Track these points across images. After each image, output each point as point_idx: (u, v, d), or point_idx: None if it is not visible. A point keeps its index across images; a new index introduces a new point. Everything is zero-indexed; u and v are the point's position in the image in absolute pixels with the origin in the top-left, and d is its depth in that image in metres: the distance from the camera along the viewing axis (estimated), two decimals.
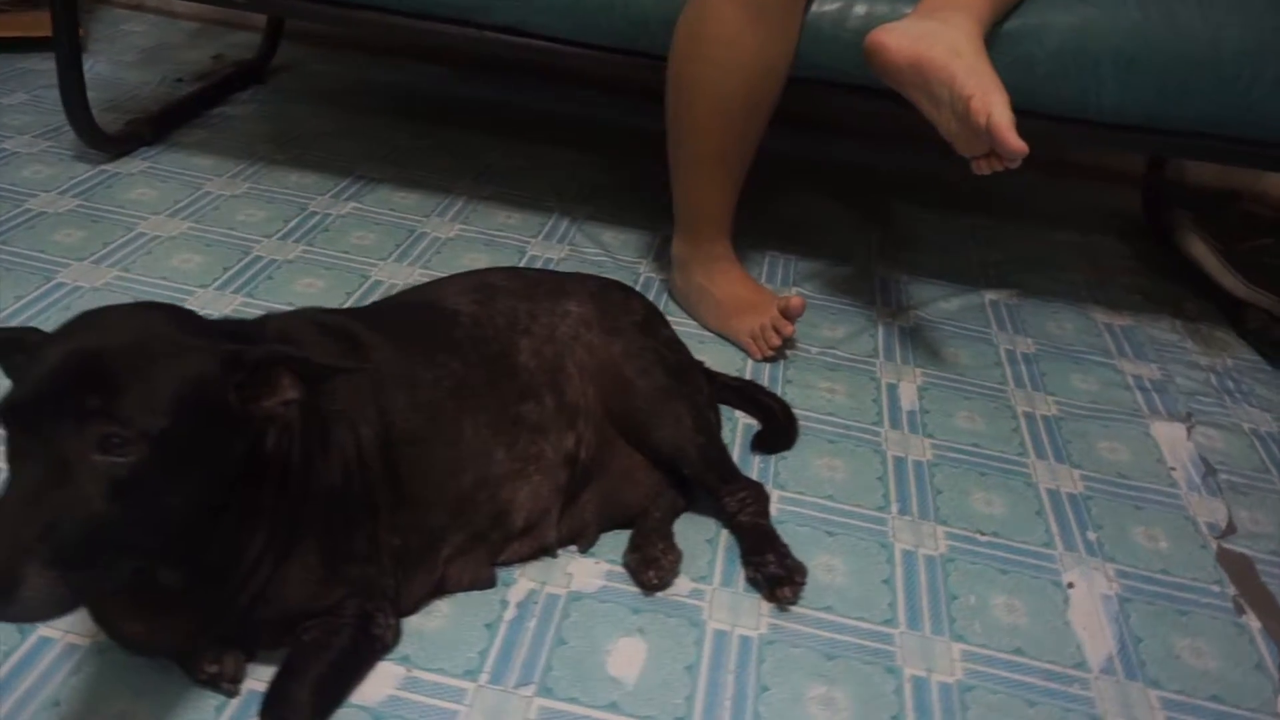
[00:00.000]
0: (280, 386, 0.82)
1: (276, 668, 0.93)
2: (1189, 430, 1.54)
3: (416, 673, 0.97)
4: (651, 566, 1.10)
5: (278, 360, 0.81)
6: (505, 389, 1.10)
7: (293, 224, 1.73)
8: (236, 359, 0.80)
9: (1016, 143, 1.28)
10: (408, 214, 1.83)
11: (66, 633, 0.96)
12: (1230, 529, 1.34)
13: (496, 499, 1.07)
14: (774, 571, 1.11)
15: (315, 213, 1.78)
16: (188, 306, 1.43)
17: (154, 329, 0.79)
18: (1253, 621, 1.19)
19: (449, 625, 1.03)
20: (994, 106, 1.29)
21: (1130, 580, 1.22)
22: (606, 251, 1.80)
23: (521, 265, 1.71)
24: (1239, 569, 1.28)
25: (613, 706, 0.97)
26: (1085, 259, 2.06)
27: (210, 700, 0.92)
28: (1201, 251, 1.91)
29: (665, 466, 1.19)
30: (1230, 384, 1.69)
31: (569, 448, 1.12)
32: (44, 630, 0.96)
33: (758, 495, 1.20)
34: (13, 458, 0.74)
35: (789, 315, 1.54)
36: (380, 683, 0.96)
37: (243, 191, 1.81)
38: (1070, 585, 1.20)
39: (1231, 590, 1.24)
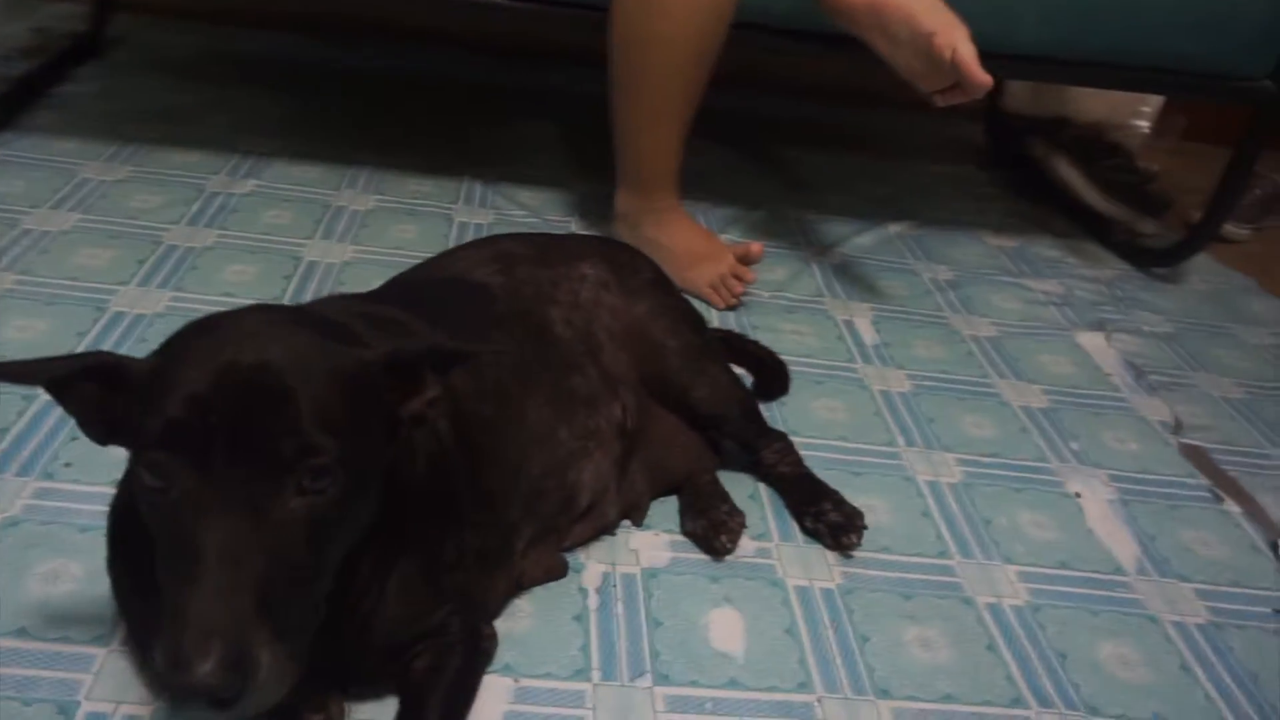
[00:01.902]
0: (426, 384, 0.67)
1: (378, 700, 0.79)
2: (1108, 338, 1.57)
3: (525, 682, 0.84)
4: (721, 531, 1.00)
5: (430, 355, 0.66)
6: (554, 363, 0.97)
7: (196, 208, 1.49)
8: (396, 359, 0.65)
9: (983, 75, 1.24)
10: (315, 188, 1.61)
11: (118, 704, 0.77)
12: (1179, 425, 1.38)
13: (564, 483, 0.94)
14: (835, 519, 1.04)
15: (216, 193, 1.54)
16: (112, 307, 1.21)
17: (299, 336, 0.63)
18: (1232, 508, 1.22)
19: (538, 625, 0.90)
20: (958, 42, 1.25)
21: (1121, 483, 1.23)
22: (532, 212, 1.65)
23: (452, 232, 1.54)
24: (1200, 460, 1.31)
25: (734, 683, 0.88)
26: (959, 188, 2.08)
27: None
28: (1068, 173, 1.96)
29: (703, 426, 1.09)
30: (1119, 292, 1.75)
31: (618, 418, 1.00)
32: (92, 705, 0.76)
33: (789, 445, 1.12)
34: (180, 509, 0.57)
35: (749, 261, 1.46)
36: (493, 699, 0.82)
37: (126, 176, 1.54)
38: (1078, 495, 1.19)
39: (1204, 481, 1.27)
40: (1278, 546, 1.16)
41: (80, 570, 0.87)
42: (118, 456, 0.97)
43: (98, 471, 0.97)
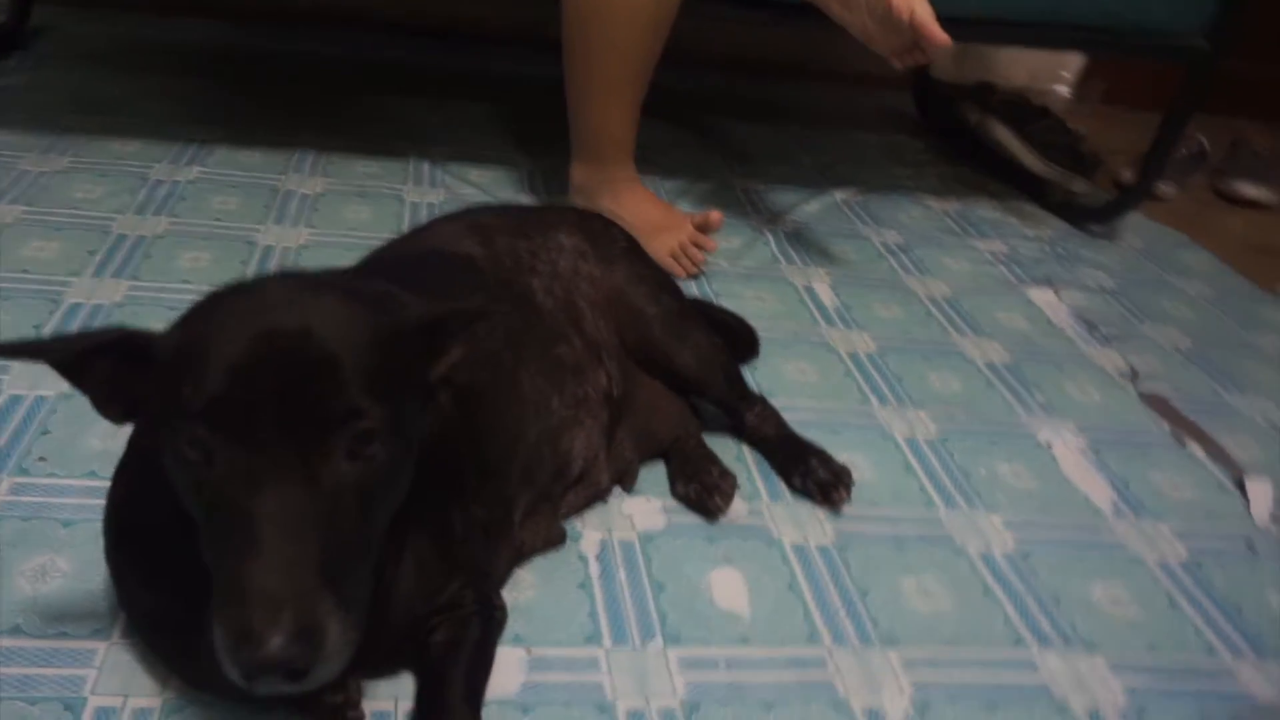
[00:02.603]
0: (450, 347, 0.64)
1: (393, 679, 0.75)
2: (1057, 293, 1.59)
3: (538, 651, 0.82)
4: (715, 493, 0.98)
5: (459, 316, 0.63)
6: (540, 333, 0.93)
7: (142, 196, 1.42)
8: (429, 321, 0.61)
9: (942, 35, 1.24)
10: (262, 173, 1.55)
11: (126, 697, 0.72)
12: (1135, 374, 1.40)
13: (558, 451, 0.91)
14: (824, 476, 1.03)
15: (161, 181, 1.47)
16: (67, 299, 1.14)
17: (333, 301, 0.60)
18: (1196, 450, 1.25)
19: (543, 595, 0.87)
20: (915, 3, 1.24)
21: (1089, 432, 1.24)
22: (483, 190, 1.61)
23: (405, 212, 1.49)
24: (1160, 407, 1.33)
25: (744, 641, 0.86)
26: (895, 156, 2.09)
27: None
28: (1004, 135, 1.98)
29: (686, 391, 1.07)
30: (1061, 250, 1.77)
31: (604, 385, 0.98)
32: (99, 699, 0.71)
33: (770, 407, 1.11)
34: (228, 483, 0.53)
35: (708, 229, 1.44)
36: (508, 671, 0.79)
37: (66, 167, 1.46)
38: (1049, 444, 1.20)
39: (1166, 426, 1.29)
40: (1243, 484, 1.19)
41: (68, 565, 0.82)
42: (93, 449, 0.93)
43: (73, 465, 0.91)
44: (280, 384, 0.54)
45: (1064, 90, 2.45)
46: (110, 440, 0.94)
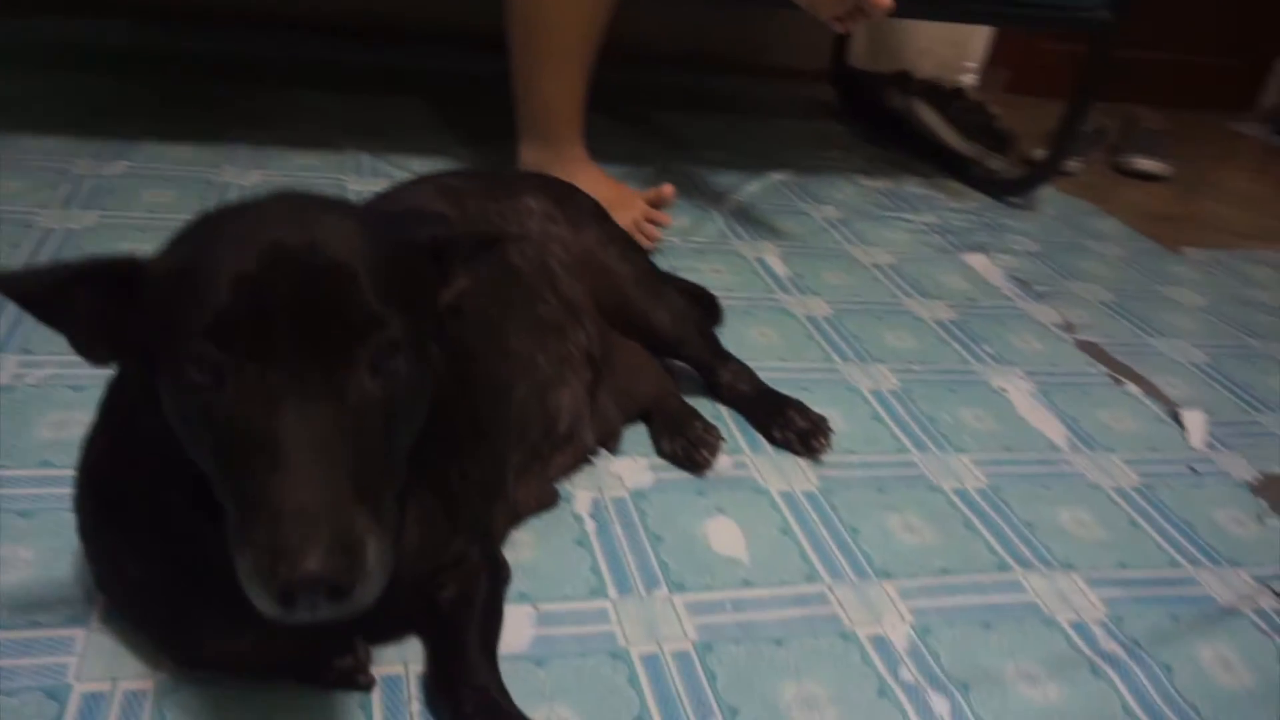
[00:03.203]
0: (457, 275, 0.61)
1: (398, 644, 0.73)
2: (990, 258, 1.63)
3: (545, 607, 0.80)
4: (701, 447, 0.98)
5: (467, 241, 0.61)
6: (520, 291, 0.92)
7: (64, 190, 1.35)
8: (438, 242, 0.59)
9: None
10: (193, 167, 1.49)
11: (115, 680, 0.68)
12: (1070, 325, 1.44)
13: (546, 409, 0.89)
14: (803, 426, 1.03)
15: (85, 176, 1.40)
16: None
17: (340, 216, 0.56)
18: (1132, 389, 1.29)
19: (542, 553, 0.85)
20: None
21: (1036, 376, 1.27)
22: None
23: (355, 201, 1.45)
24: (1095, 353, 1.37)
25: (746, 583, 0.85)
26: (822, 140, 2.12)
27: (350, 701, 0.69)
28: (929, 116, 2.03)
29: (662, 351, 1.06)
30: (987, 220, 1.82)
31: (584, 345, 0.96)
32: (86, 685, 0.67)
33: (743, 365, 1.11)
34: (243, 404, 0.49)
35: (661, 204, 1.44)
36: (518, 627, 0.77)
37: None
38: (1003, 390, 1.23)
39: (1103, 369, 1.33)
40: (1178, 416, 1.23)
41: (32, 554, 0.77)
42: (43, 439, 0.88)
43: (24, 456, 0.86)
44: (294, 294, 0.50)
45: (970, 80, 2.52)
46: (61, 430, 0.89)
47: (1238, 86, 3.04)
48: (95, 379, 0.66)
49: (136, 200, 1.37)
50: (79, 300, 0.54)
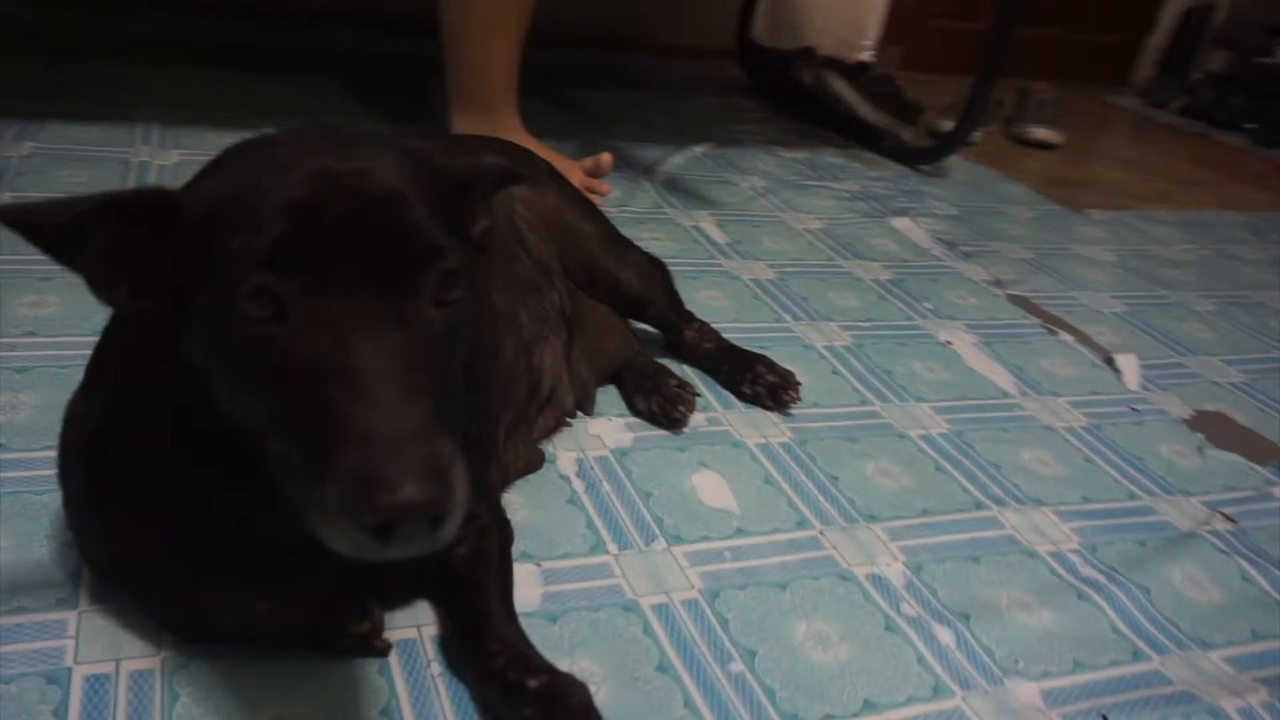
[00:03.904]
0: (478, 212, 0.59)
1: (408, 608, 0.71)
2: (914, 221, 1.67)
3: (548, 564, 0.78)
4: (679, 403, 0.97)
5: (496, 176, 0.59)
6: (499, 248, 0.89)
7: None
8: (468, 176, 0.56)
9: None
10: (105, 146, 1.41)
11: (117, 660, 0.63)
12: (998, 281, 1.49)
13: (531, 367, 0.88)
14: (771, 380, 1.04)
15: None
16: None
17: (379, 146, 0.53)
18: (1066, 338, 1.34)
19: (536, 513, 0.84)
20: None
21: (977, 330, 1.31)
22: None
23: None
24: (1027, 306, 1.42)
25: (740, 532, 0.85)
26: (735, 115, 2.14)
27: (368, 667, 0.66)
28: (842, 88, 2.06)
29: (628, 310, 1.05)
30: (904, 187, 1.86)
31: (558, 304, 0.95)
32: (87, 668, 0.62)
33: (706, 324, 1.11)
34: (306, 336, 0.46)
35: (600, 173, 1.43)
36: (525, 585, 0.75)
37: None
38: (949, 342, 1.26)
39: (1036, 320, 1.38)
40: (1112, 361, 1.28)
41: (6, 540, 0.71)
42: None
43: None
44: (352, 222, 0.48)
45: (866, 56, 2.58)
46: (11, 413, 0.83)
47: (1112, 62, 3.19)
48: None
49: (51, 181, 1.28)
50: (100, 236, 0.50)
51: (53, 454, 0.78)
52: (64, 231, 0.49)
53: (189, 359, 0.53)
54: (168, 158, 1.41)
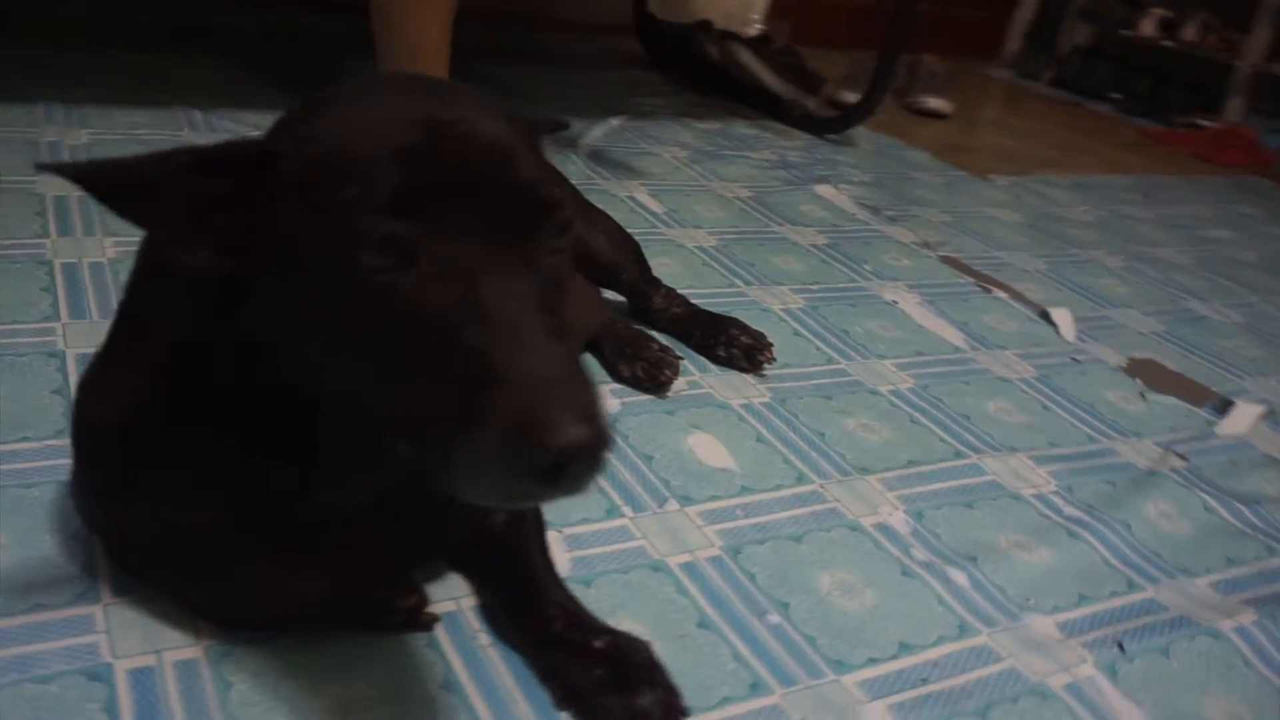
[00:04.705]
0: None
1: (441, 580, 0.69)
2: (835, 188, 1.72)
3: (569, 531, 0.78)
4: (664, 366, 0.98)
5: (547, 126, 0.58)
6: None
7: None
8: (538, 128, 0.56)
9: None
10: (9, 127, 1.32)
11: (159, 652, 0.60)
12: (927, 244, 1.54)
13: None
14: (746, 342, 1.06)
15: None
16: None
17: (469, 92, 0.52)
18: (1000, 295, 1.40)
19: None
20: None
21: (919, 289, 1.36)
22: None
23: None
24: (958, 266, 1.48)
25: (745, 490, 0.87)
26: (642, 88, 2.15)
27: (417, 642, 0.65)
28: (749, 60, 2.09)
29: (599, 278, 1.05)
30: (818, 155, 1.91)
31: None
32: (129, 661, 0.59)
33: (672, 289, 1.11)
34: (441, 276, 0.45)
35: None
36: (554, 553, 0.74)
37: None
38: (895, 302, 1.31)
39: (969, 280, 1.44)
40: (1048, 315, 1.35)
41: (11, 537, 0.67)
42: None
43: None
44: (472, 170, 0.46)
45: (755, 30, 2.63)
46: None
47: (984, 36, 3.34)
48: None
49: None
50: (183, 193, 0.47)
51: (32, 445, 0.74)
52: (144, 190, 0.47)
53: (255, 324, 0.50)
54: (77, 137, 1.32)
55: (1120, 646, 0.76)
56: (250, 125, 1.48)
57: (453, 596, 0.68)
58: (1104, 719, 0.69)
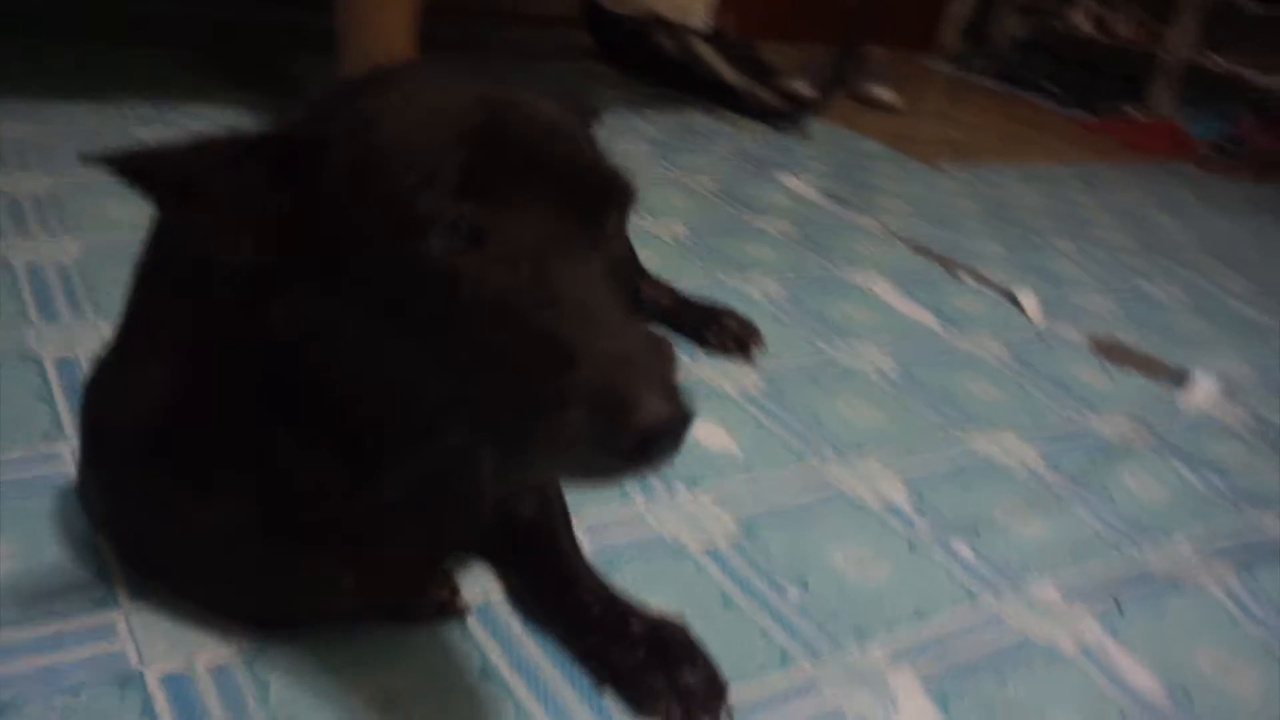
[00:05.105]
0: None
1: (465, 572, 0.70)
2: (799, 178, 1.75)
3: (585, 519, 0.78)
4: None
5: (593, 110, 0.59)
6: None
7: None
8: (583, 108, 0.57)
9: None
10: None
11: (189, 656, 0.60)
12: (892, 231, 1.58)
13: None
14: (737, 330, 1.08)
15: None
16: None
17: (516, 76, 0.52)
18: (966, 278, 1.45)
19: None
20: None
21: (889, 275, 1.40)
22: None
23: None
24: (925, 252, 1.53)
25: (750, 472, 0.89)
26: (598, 80, 2.16)
27: (451, 633, 0.65)
28: (708, 53, 2.11)
29: None
30: (778, 147, 1.94)
31: None
32: (161, 667, 0.58)
33: (660, 280, 1.13)
34: (512, 257, 0.45)
35: None
36: None
37: None
38: (870, 288, 1.34)
39: (936, 265, 1.48)
40: (1014, 298, 1.40)
41: (16, 546, 0.65)
42: None
43: None
44: (537, 150, 0.47)
45: (703, 22, 2.65)
46: None
47: (922, 28, 3.41)
48: None
49: None
50: (226, 185, 0.47)
51: (13, 456, 0.72)
52: (187, 182, 0.46)
53: (292, 317, 0.50)
54: (22, 130, 1.29)
55: (1118, 607, 0.79)
56: (206, 120, 1.45)
57: (481, 588, 0.69)
58: (1113, 676, 0.73)
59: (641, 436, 0.41)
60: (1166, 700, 0.71)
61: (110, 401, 0.60)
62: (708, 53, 2.11)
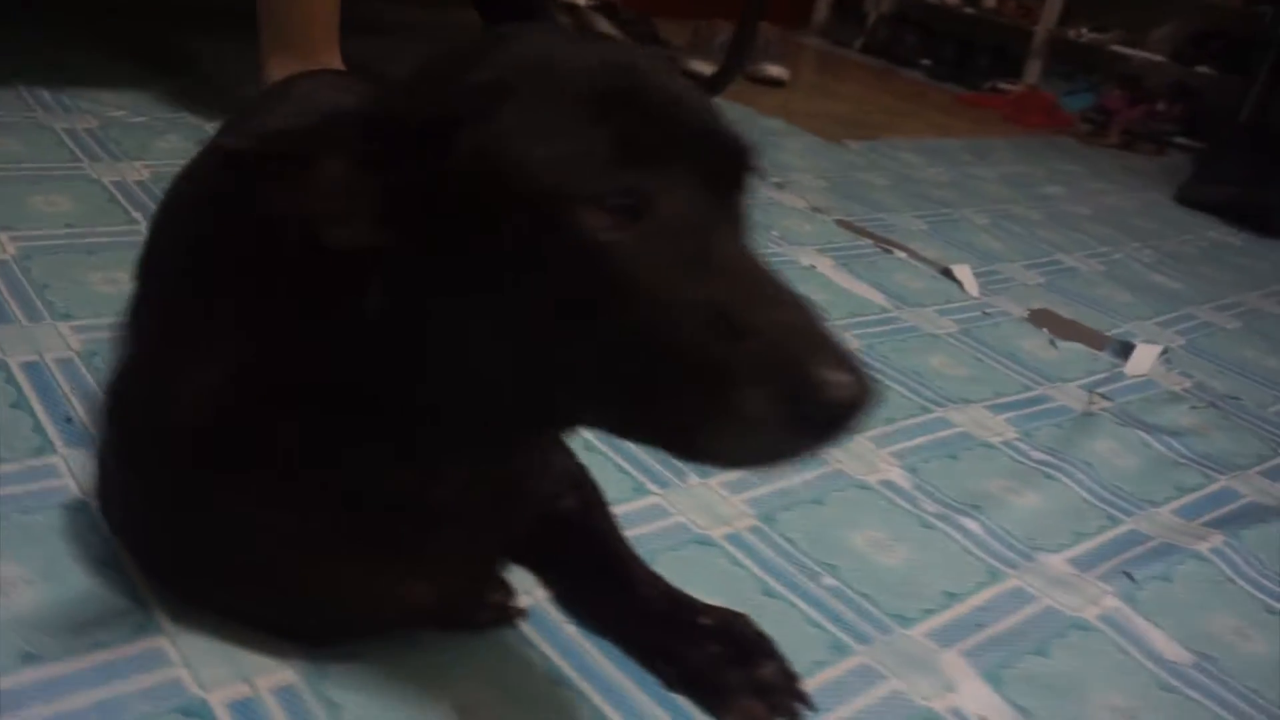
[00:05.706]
0: None
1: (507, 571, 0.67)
2: None
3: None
4: None
5: None
6: None
7: None
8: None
9: None
10: None
11: (249, 679, 0.55)
12: (819, 209, 1.61)
13: None
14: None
15: None
16: None
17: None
18: (900, 255, 1.49)
19: None
20: None
21: (827, 253, 1.43)
22: (136, 111, 1.36)
23: (65, 141, 1.21)
24: (854, 229, 1.56)
25: None
26: None
27: (509, 638, 0.63)
28: (607, 28, 2.10)
29: None
30: None
31: None
32: (223, 693, 0.54)
33: None
34: (681, 227, 0.44)
35: None
36: None
37: None
38: (813, 266, 1.36)
39: (869, 242, 1.52)
40: (950, 273, 1.45)
41: (23, 571, 0.59)
42: None
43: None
44: (676, 117, 0.45)
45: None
46: None
47: (794, 5, 3.48)
48: None
49: None
50: (344, 163, 0.44)
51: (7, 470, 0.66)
52: (299, 162, 0.43)
53: (394, 308, 0.47)
54: None
55: (1129, 576, 0.83)
56: (110, 106, 1.36)
57: (525, 590, 0.67)
58: (1139, 642, 0.76)
59: (832, 413, 0.41)
60: (1194, 669, 0.75)
61: (151, 404, 0.55)
62: (608, 28, 2.10)
